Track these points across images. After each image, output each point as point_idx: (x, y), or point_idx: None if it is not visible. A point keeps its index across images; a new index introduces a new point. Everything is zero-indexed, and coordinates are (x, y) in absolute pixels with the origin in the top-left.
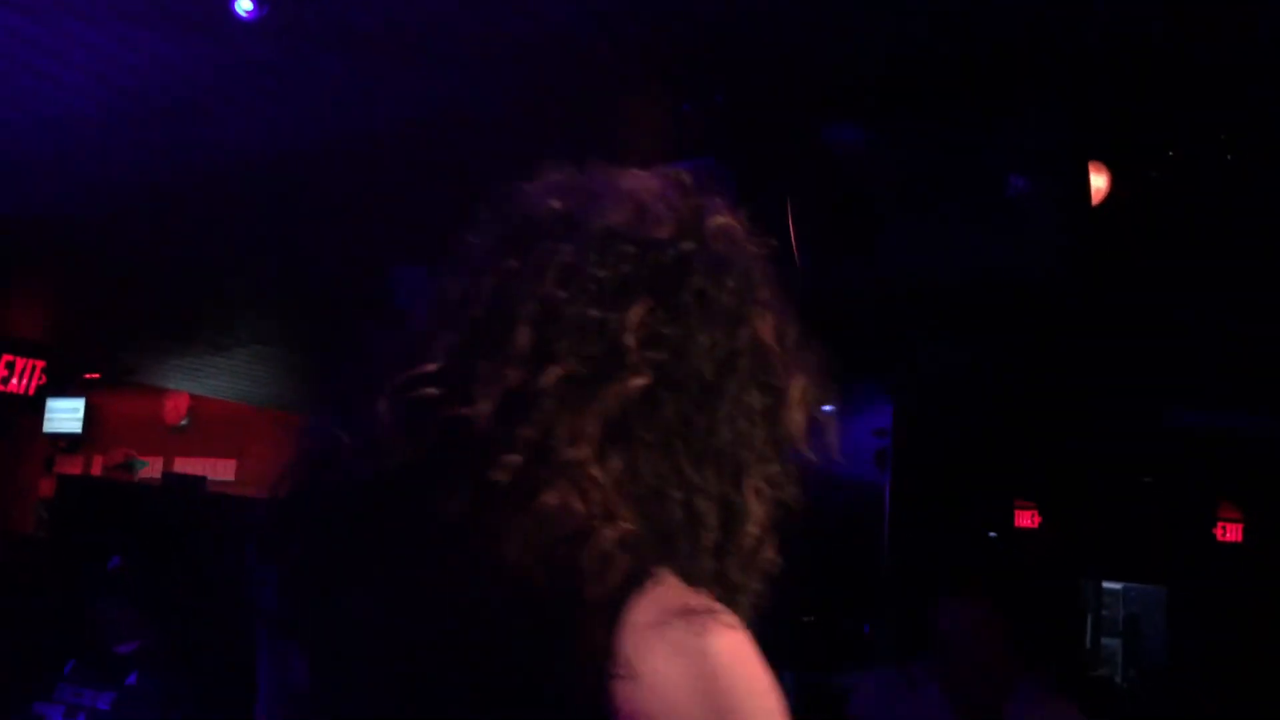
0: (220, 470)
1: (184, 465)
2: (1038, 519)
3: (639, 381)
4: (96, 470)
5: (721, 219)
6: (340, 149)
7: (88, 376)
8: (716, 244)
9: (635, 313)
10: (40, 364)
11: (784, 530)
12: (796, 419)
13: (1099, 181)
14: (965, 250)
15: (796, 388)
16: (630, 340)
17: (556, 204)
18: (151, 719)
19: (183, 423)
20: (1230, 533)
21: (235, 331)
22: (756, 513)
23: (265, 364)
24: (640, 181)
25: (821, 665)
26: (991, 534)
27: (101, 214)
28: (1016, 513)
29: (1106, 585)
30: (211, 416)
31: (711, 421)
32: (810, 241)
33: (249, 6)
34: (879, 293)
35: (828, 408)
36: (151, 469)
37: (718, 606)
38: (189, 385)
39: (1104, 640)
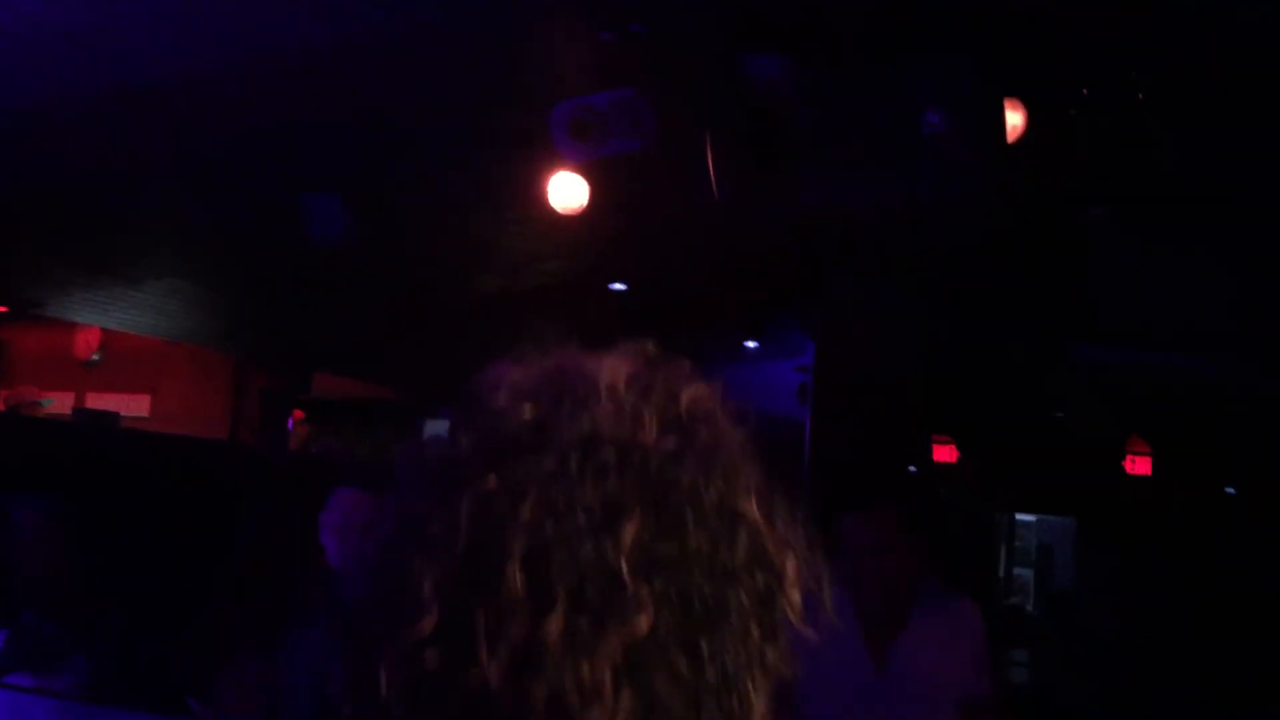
0: (134, 406)
1: (96, 401)
2: (956, 454)
3: (644, 621)
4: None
5: (695, 393)
6: (251, 76)
7: None
8: (699, 432)
9: (628, 533)
10: None
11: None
12: (794, 599)
13: (1015, 119)
14: (883, 185)
15: (791, 567)
16: (626, 568)
17: (527, 412)
18: (47, 658)
19: (95, 357)
20: (1139, 465)
21: (146, 264)
22: (760, 706)
23: (179, 298)
24: (610, 369)
25: None
26: (911, 468)
27: (1, 139)
28: (935, 447)
29: (1020, 517)
30: (124, 351)
31: (718, 640)
32: (729, 175)
33: None
34: (799, 227)
35: (750, 344)
36: (63, 404)
37: None
38: (100, 319)
39: (1017, 570)
